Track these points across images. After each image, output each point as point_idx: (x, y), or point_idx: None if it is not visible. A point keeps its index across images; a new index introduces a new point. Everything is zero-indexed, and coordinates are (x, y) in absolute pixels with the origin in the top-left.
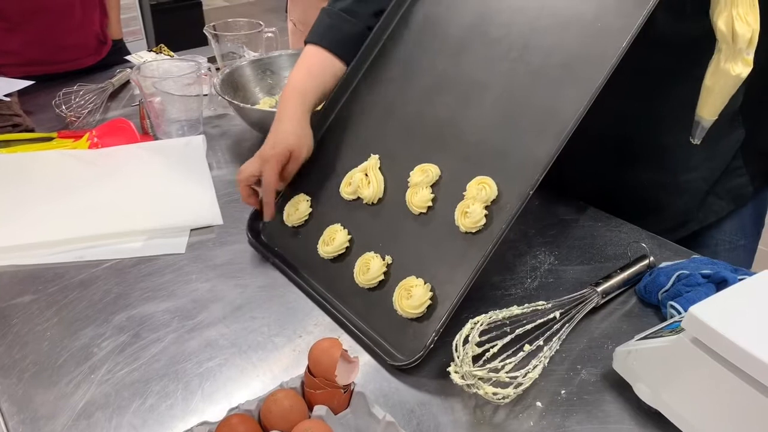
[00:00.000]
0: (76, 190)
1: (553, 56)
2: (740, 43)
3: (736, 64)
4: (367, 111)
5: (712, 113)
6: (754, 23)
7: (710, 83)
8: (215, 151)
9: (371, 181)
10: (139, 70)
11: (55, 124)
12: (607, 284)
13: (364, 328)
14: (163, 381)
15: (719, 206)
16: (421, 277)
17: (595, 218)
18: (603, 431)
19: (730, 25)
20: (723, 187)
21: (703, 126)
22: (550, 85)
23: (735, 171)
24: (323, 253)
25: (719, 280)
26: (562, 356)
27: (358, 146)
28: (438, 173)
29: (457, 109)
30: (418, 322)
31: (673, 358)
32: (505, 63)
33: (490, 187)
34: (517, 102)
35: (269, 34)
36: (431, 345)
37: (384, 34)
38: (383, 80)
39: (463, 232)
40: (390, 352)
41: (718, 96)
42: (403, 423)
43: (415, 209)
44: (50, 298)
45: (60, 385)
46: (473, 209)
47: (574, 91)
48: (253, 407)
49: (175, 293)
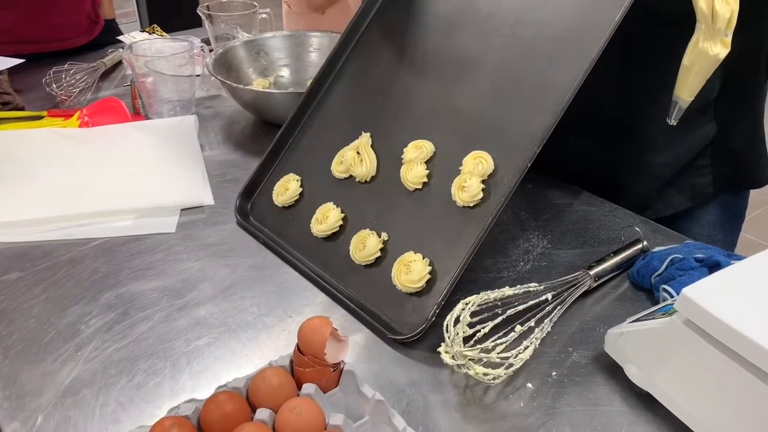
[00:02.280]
0: (66, 169)
1: (546, 29)
2: (719, 23)
3: (715, 44)
4: (357, 89)
5: (689, 93)
6: (734, 4)
7: (688, 62)
8: (207, 132)
9: (363, 158)
10: (131, 49)
11: (46, 102)
12: (600, 267)
13: (362, 304)
14: (150, 359)
15: (678, 201)
16: (420, 252)
17: (589, 203)
18: (593, 413)
19: (710, 4)
20: (686, 181)
21: (681, 106)
22: (544, 59)
23: (700, 169)
24: (316, 231)
25: (712, 264)
26: (553, 338)
27: (349, 124)
28: (432, 149)
29: (450, 85)
30: (417, 296)
31: (665, 340)
32: (498, 38)
33: (487, 162)
34: (511, 77)
35: (263, 15)
36: (433, 318)
37: (371, 10)
38: (372, 58)
39: (460, 207)
40: (390, 327)
41: (696, 76)
42: (392, 402)
43: (410, 185)
44: (38, 275)
45: (46, 362)
46: (470, 183)
47: (568, 64)
48: (241, 385)
49: (164, 272)
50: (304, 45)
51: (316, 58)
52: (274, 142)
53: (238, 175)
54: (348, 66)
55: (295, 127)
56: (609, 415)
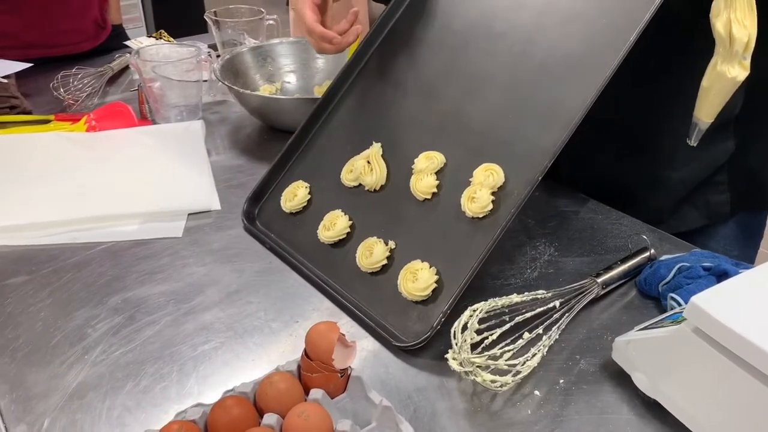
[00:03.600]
0: (72, 172)
1: (558, 50)
2: (737, 46)
3: (733, 66)
4: (370, 101)
5: (709, 115)
6: (751, 27)
7: (707, 84)
8: (214, 137)
9: (374, 168)
10: (138, 54)
11: (53, 107)
12: (608, 275)
13: (367, 311)
14: (157, 363)
15: (692, 216)
16: (426, 261)
17: (596, 210)
18: (601, 421)
19: (727, 28)
20: (701, 198)
21: (700, 128)
22: (555, 78)
23: (717, 186)
24: (323, 238)
25: (720, 272)
26: (561, 346)
27: (360, 134)
28: (443, 161)
29: (461, 100)
30: (423, 305)
31: (673, 348)
32: (509, 57)
33: (498, 174)
34: (522, 94)
35: (270, 22)
36: (438, 326)
37: (389, 23)
38: (386, 71)
39: (469, 218)
40: (394, 334)
41: (715, 98)
42: (400, 408)
43: (419, 195)
44: (44, 279)
45: (53, 365)
46: (480, 194)
47: (579, 84)
48: (248, 390)
49: (171, 277)
50: (311, 51)
51: (323, 65)
52: (284, 149)
53: (244, 180)
54: (361, 77)
55: (306, 135)
56: (616, 424)
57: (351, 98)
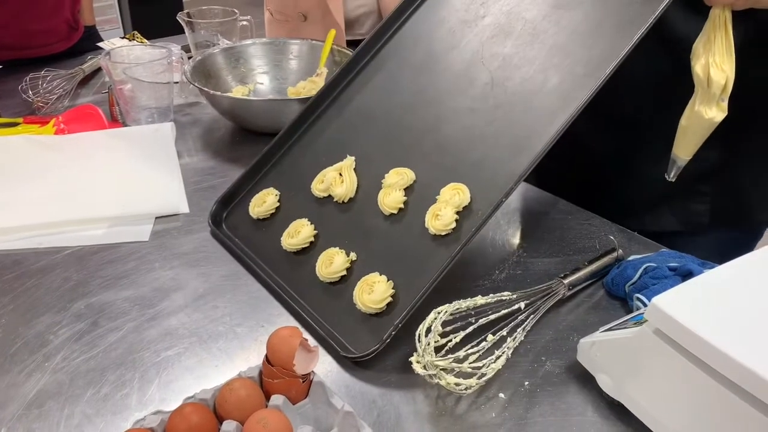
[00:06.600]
0: (39, 176)
1: (536, 79)
2: (714, 89)
3: (711, 108)
4: (348, 116)
5: (687, 153)
6: (729, 71)
7: (686, 123)
8: (185, 139)
9: (344, 180)
10: (109, 55)
11: (22, 109)
12: (574, 276)
13: (319, 320)
14: (119, 370)
15: (667, 220)
16: (385, 274)
17: (566, 211)
18: (565, 423)
19: (706, 71)
20: (680, 203)
21: (678, 165)
22: (529, 106)
23: (700, 195)
24: (287, 245)
25: (686, 272)
26: (527, 348)
27: (335, 147)
28: (413, 178)
29: (436, 122)
30: (377, 317)
31: (635, 349)
32: (488, 82)
33: (463, 193)
34: (497, 119)
35: (244, 22)
36: (388, 339)
37: (372, 49)
38: (367, 90)
39: (432, 235)
40: (344, 345)
41: (692, 137)
42: (363, 413)
43: (386, 210)
44: (6, 285)
45: (12, 373)
46: (444, 212)
47: (552, 113)
48: (208, 396)
49: (136, 281)
50: (284, 52)
51: (296, 66)
52: (259, 157)
53: (215, 183)
54: (344, 93)
55: (283, 145)
56: (581, 426)
57: (331, 112)
